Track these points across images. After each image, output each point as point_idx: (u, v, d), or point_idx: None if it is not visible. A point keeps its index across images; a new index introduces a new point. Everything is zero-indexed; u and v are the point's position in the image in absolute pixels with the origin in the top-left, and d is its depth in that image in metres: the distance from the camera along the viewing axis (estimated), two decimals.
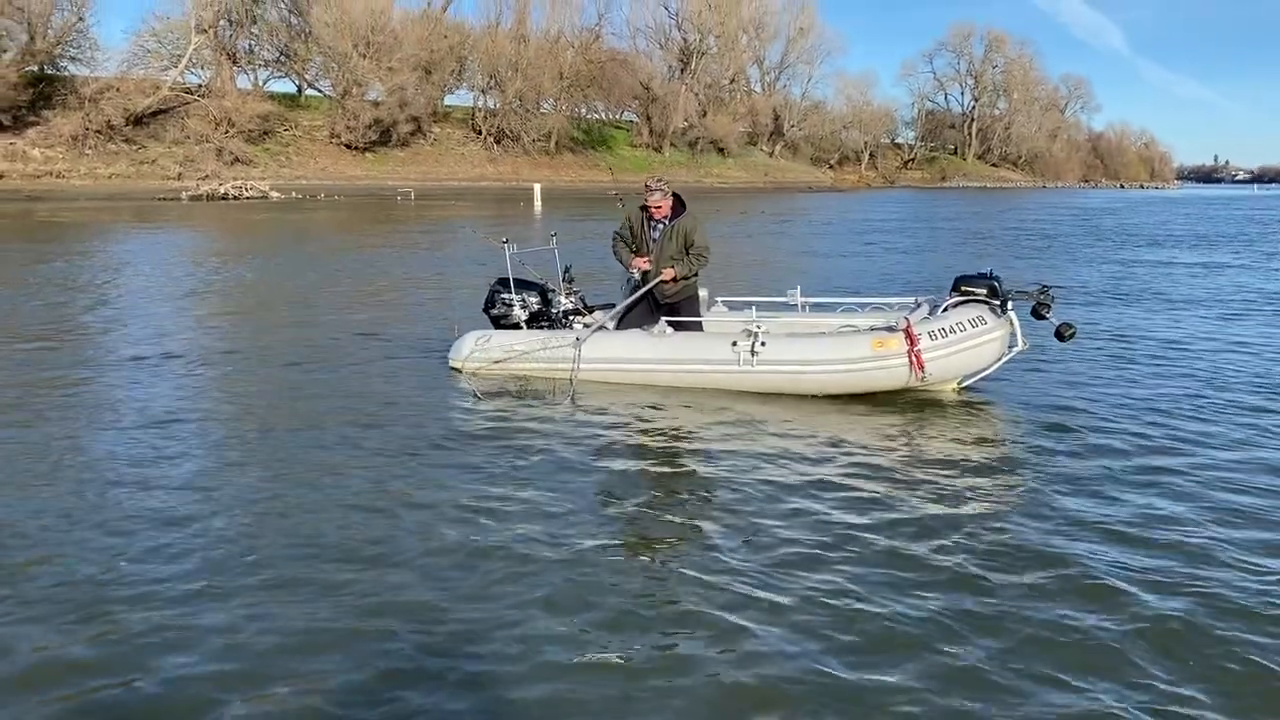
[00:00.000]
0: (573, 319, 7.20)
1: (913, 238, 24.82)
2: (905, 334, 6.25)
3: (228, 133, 48.60)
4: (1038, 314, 6.38)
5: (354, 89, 53.73)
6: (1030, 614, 3.41)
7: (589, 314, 7.31)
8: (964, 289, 6.50)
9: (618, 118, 75.86)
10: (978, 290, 6.45)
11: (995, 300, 6.39)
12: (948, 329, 6.29)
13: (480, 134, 62.70)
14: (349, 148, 54.31)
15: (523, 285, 7.17)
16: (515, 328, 7.08)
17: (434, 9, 62.03)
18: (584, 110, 71.06)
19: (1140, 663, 3.11)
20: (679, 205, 6.94)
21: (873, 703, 2.89)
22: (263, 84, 58.29)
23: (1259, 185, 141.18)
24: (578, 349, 6.65)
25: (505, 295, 7.10)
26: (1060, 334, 6.32)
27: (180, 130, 48.01)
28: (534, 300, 7.11)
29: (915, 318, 6.46)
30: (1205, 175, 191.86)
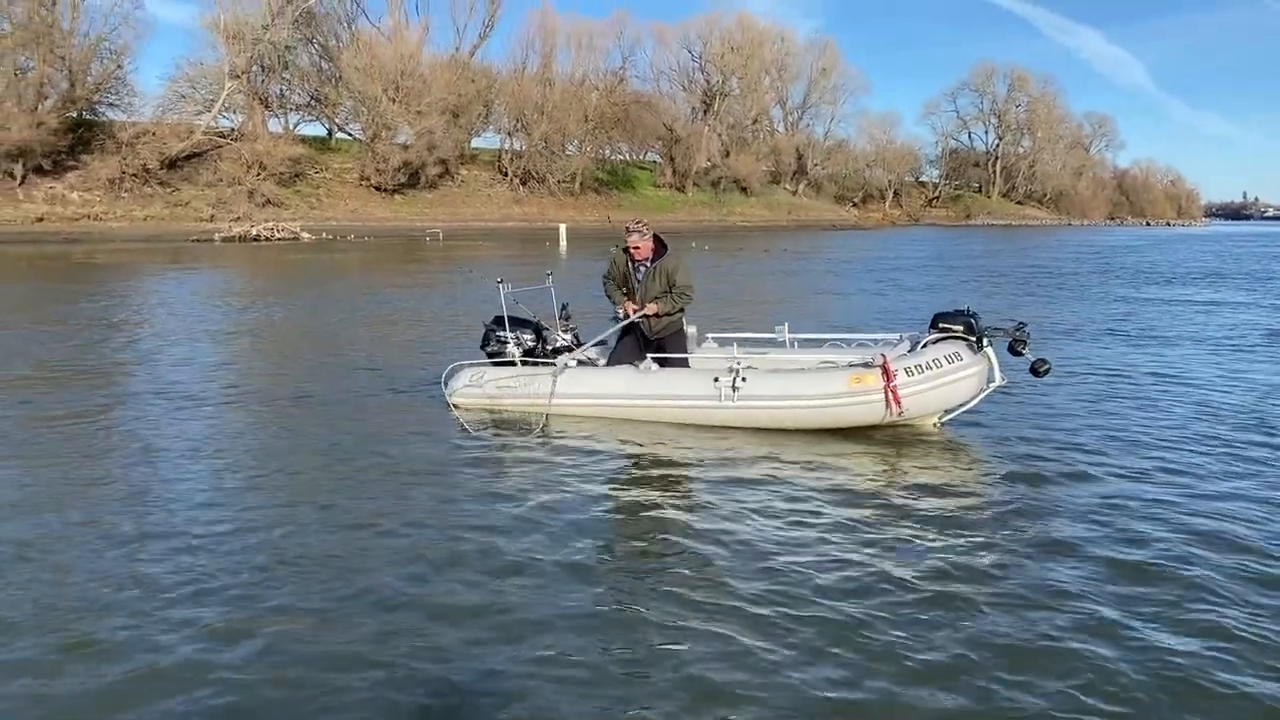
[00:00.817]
0: (566, 356, 7.47)
1: (926, 276, 24.92)
2: (882, 370, 6.40)
3: (260, 175, 49.67)
4: (1014, 350, 6.54)
5: (383, 132, 54.83)
6: (1007, 632, 3.61)
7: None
8: (941, 325, 6.67)
9: (641, 158, 76.84)
10: (955, 327, 6.60)
11: (972, 336, 6.57)
12: (924, 365, 6.42)
13: (506, 175, 63.75)
14: (378, 190, 55.40)
15: (517, 323, 7.46)
16: (510, 364, 7.36)
17: (462, 54, 63.50)
18: (608, 151, 72.09)
19: (1118, 688, 3.23)
20: (660, 247, 7.23)
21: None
22: (294, 127, 59.59)
23: None
24: (553, 384, 6.92)
25: (500, 333, 7.38)
26: (1035, 370, 6.49)
27: (213, 173, 49.13)
28: (528, 337, 7.38)
29: (894, 354, 6.58)
30: (1234, 212, 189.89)
